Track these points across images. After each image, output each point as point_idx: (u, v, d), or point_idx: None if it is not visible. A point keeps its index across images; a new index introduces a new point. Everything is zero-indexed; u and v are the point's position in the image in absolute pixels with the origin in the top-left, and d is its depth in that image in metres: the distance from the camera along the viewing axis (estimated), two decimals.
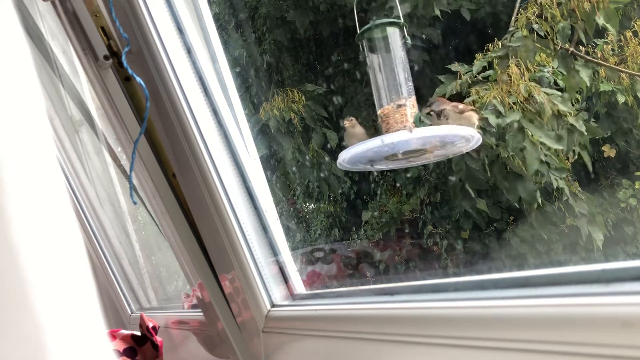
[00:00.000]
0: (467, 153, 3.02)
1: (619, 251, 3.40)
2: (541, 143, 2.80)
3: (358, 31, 1.03)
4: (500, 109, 2.83)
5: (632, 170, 3.73)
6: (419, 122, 0.99)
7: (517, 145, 2.78)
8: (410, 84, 1.02)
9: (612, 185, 3.76)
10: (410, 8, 3.59)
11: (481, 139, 1.05)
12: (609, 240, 3.23)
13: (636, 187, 3.54)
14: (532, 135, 2.80)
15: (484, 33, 3.96)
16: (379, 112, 1.02)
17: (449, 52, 4.19)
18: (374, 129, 1.16)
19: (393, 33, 1.02)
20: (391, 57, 1.01)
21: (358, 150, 0.98)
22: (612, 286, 0.42)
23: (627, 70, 3.17)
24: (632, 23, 3.40)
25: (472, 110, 1.09)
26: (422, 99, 1.07)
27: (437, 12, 3.60)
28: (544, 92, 2.85)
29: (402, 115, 0.99)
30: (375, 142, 0.96)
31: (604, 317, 0.40)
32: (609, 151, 3.66)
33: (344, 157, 1.01)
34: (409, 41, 1.02)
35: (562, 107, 2.80)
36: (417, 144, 0.99)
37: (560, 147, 2.79)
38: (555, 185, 2.94)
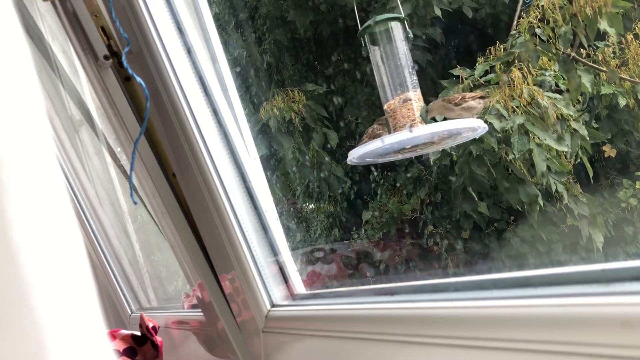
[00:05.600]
0: (473, 158, 3.03)
1: (619, 251, 3.40)
2: (545, 146, 2.80)
3: (359, 28, 1.03)
4: (504, 113, 2.83)
5: (632, 170, 3.73)
6: (425, 116, 0.99)
7: (523, 148, 2.78)
8: (415, 77, 1.02)
9: (613, 185, 3.76)
10: (411, 8, 3.58)
11: (487, 127, 1.05)
12: (610, 241, 3.23)
13: (637, 187, 3.54)
14: (537, 137, 2.80)
15: (484, 33, 3.96)
16: (385, 106, 1.02)
17: (449, 52, 4.19)
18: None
19: (395, 27, 1.02)
20: (394, 52, 1.01)
21: (366, 150, 0.99)
22: (612, 286, 0.42)
23: (628, 78, 3.17)
24: (632, 25, 3.40)
25: (471, 98, 1.08)
26: (425, 101, 1.07)
27: (438, 12, 3.60)
28: (547, 96, 2.85)
29: (408, 109, 0.99)
30: (376, 144, 0.97)
31: (603, 317, 0.40)
32: (609, 151, 3.66)
33: (353, 155, 1.03)
34: (411, 35, 1.02)
35: (565, 111, 2.81)
36: (423, 139, 1.00)
37: (564, 149, 2.79)
38: (554, 188, 2.94)
